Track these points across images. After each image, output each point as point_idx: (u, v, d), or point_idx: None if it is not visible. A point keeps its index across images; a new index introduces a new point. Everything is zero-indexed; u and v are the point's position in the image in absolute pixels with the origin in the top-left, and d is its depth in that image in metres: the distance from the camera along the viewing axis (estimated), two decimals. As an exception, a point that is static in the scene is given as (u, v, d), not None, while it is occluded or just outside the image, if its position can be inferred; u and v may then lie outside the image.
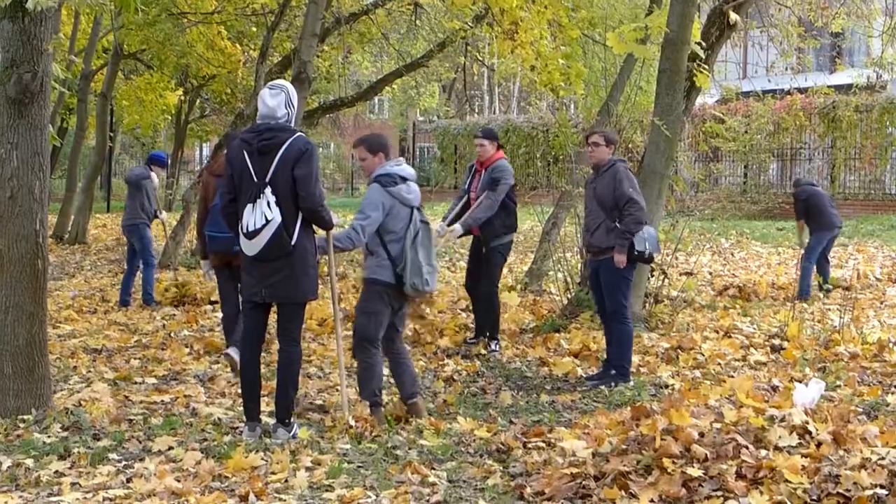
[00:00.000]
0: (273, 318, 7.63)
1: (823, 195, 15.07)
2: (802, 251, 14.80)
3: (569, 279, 13.02)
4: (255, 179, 7.19)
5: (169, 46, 21.24)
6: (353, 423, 7.58)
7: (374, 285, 7.83)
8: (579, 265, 12.91)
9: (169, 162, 27.63)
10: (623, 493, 5.73)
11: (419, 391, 8.25)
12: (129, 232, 14.15)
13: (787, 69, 24.20)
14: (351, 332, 8.19)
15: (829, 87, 27.55)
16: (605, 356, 9.74)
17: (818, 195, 14.85)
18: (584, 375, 9.62)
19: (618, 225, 9.27)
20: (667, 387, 9.07)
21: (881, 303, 13.80)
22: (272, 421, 7.55)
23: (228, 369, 9.77)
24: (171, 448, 7.09)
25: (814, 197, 14.74)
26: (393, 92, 31.87)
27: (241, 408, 7.70)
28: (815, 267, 14.48)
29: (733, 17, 12.18)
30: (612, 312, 9.47)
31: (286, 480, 6.41)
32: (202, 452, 6.95)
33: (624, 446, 6.22)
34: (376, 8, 21.25)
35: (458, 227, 10.66)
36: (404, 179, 7.83)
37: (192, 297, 14.11)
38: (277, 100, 7.31)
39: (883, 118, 28.53)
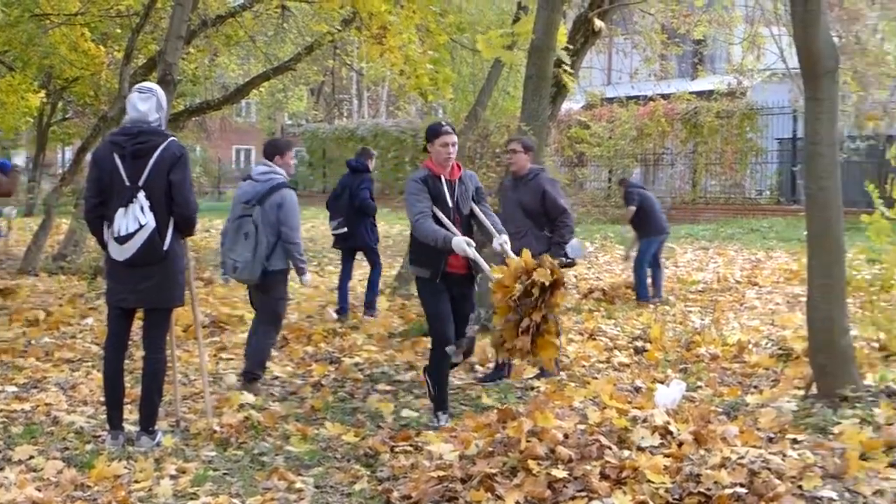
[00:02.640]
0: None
1: (654, 199, 15.08)
2: (632, 260, 14.84)
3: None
4: (128, 183, 7.07)
5: (32, 48, 20.78)
6: (217, 428, 7.52)
7: None
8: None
9: (31, 166, 27.03)
10: (489, 494, 5.77)
11: (249, 370, 9.14)
12: None
13: (650, 75, 24.68)
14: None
15: (690, 93, 28.21)
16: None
17: (649, 199, 14.79)
18: (454, 378, 9.64)
19: (547, 233, 9.39)
20: (532, 389, 9.16)
21: (741, 305, 14.09)
22: (136, 429, 7.44)
23: (90, 377, 9.62)
24: (31, 457, 6.96)
25: (646, 201, 14.65)
26: (260, 95, 31.64)
27: (104, 416, 7.57)
28: (649, 271, 14.49)
29: (598, 23, 12.40)
30: None
31: (150, 489, 6.33)
32: (64, 461, 6.83)
33: (490, 449, 6.27)
34: (243, 10, 21.07)
35: (504, 236, 8.24)
36: (247, 178, 9.21)
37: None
38: (149, 104, 7.22)
39: (743, 124, 29.24)
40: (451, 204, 8.07)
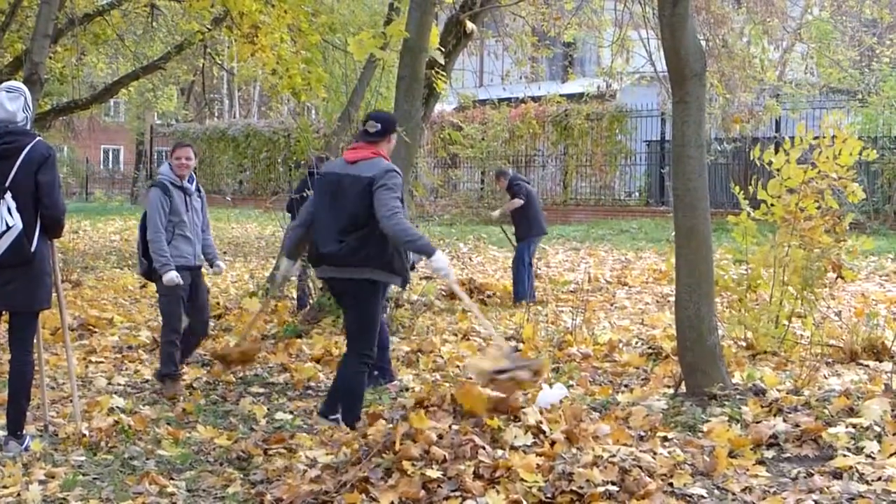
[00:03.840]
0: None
1: (537, 196, 15.10)
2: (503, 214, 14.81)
3: (311, 284, 13.01)
4: (-7, 184, 6.93)
5: None
6: (87, 432, 7.39)
7: None
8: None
9: None
10: (364, 496, 5.75)
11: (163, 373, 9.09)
12: None
13: (521, 78, 24.86)
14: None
15: (561, 95, 28.52)
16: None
17: (534, 195, 14.83)
18: (327, 381, 9.61)
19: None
20: (408, 390, 9.16)
21: (611, 305, 14.28)
22: (3, 434, 7.27)
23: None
24: None
25: (531, 197, 14.66)
26: (129, 94, 31.15)
27: (-31, 422, 7.39)
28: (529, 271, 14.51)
29: (469, 25, 12.44)
30: None
31: (18, 494, 6.18)
32: (-74, 469, 6.65)
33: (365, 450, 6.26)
34: (112, 9, 20.73)
35: None
36: None
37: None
38: (17, 104, 7.07)
39: (612, 126, 29.70)
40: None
